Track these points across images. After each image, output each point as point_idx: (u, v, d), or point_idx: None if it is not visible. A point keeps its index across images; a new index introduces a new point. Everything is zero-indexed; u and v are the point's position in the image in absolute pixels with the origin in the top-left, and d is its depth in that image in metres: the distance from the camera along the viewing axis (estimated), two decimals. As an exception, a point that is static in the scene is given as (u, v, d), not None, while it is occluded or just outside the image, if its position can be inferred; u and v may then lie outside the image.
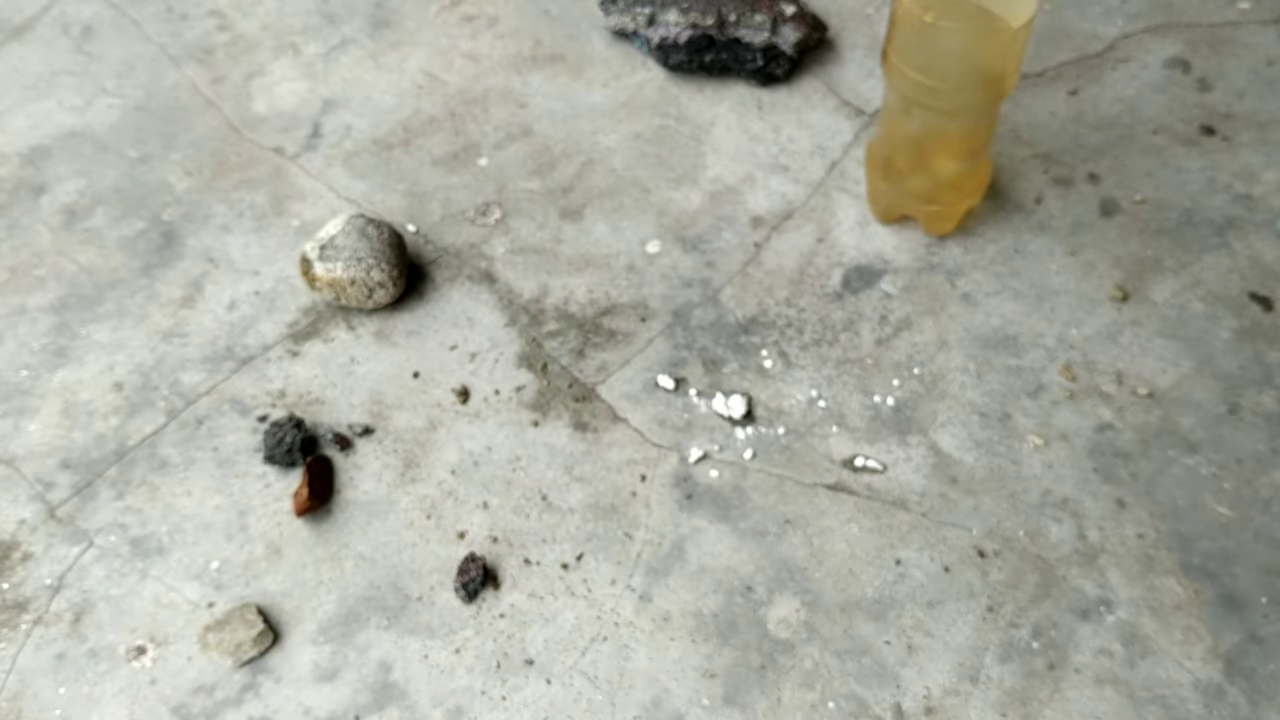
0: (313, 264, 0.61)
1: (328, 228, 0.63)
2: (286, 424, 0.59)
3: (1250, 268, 0.64)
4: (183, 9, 0.81)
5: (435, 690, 0.52)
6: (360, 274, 0.60)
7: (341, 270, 0.60)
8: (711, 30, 0.72)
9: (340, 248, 0.61)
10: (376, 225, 0.62)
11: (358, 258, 0.60)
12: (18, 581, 0.56)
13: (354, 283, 0.60)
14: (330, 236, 0.62)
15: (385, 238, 0.62)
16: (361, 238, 0.61)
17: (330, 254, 0.61)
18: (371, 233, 0.62)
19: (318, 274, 0.61)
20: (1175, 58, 0.74)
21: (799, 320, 0.64)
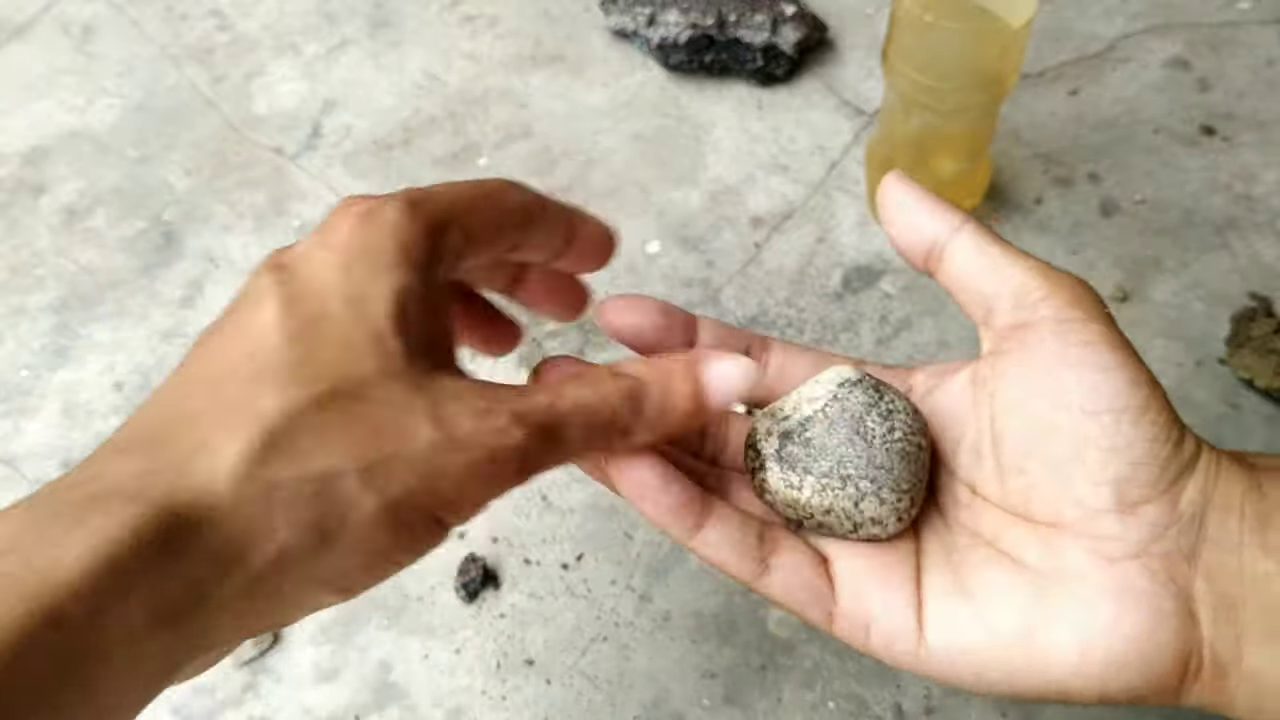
0: (765, 465, 0.34)
1: (800, 396, 0.35)
2: (286, 424, 0.59)
3: (1250, 268, 0.64)
4: (183, 9, 0.81)
5: (435, 690, 0.52)
6: (844, 503, 0.33)
7: (811, 492, 0.33)
8: (711, 30, 0.72)
9: (815, 446, 0.34)
10: (880, 400, 0.34)
11: (843, 474, 0.33)
12: (18, 581, 0.56)
13: (829, 511, 0.34)
14: (803, 418, 0.34)
15: (897, 432, 0.34)
16: (853, 432, 0.34)
17: (796, 454, 0.34)
18: (873, 423, 0.34)
19: (770, 485, 0.34)
20: (1175, 58, 0.74)
21: (799, 320, 0.64)
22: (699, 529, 0.33)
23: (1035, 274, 0.33)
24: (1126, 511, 0.30)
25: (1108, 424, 0.31)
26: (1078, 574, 0.31)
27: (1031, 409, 0.32)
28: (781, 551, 0.34)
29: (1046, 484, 0.32)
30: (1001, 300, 0.33)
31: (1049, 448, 0.31)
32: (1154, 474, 0.31)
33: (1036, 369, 0.32)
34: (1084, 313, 0.32)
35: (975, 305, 0.34)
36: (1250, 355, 0.60)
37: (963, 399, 0.35)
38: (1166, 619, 0.30)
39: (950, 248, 0.34)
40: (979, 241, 0.34)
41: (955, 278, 0.35)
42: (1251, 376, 0.59)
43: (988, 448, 0.34)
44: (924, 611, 0.32)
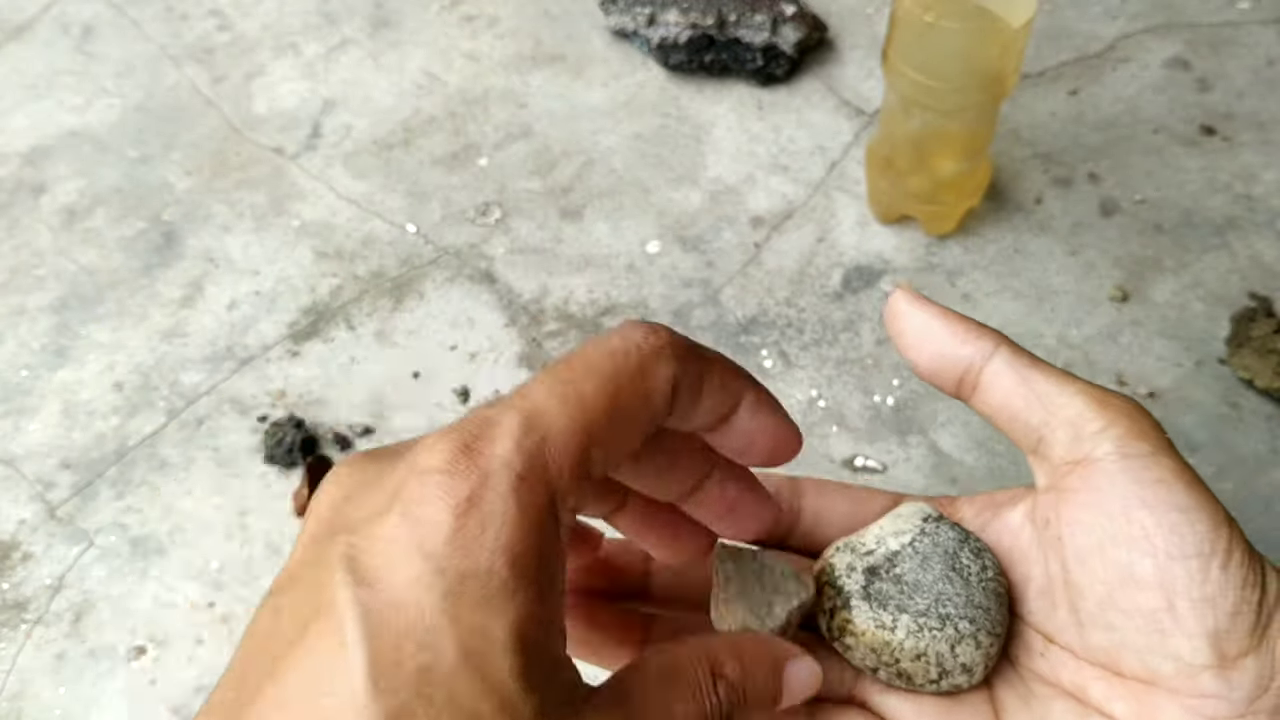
0: (849, 603, 0.31)
1: (882, 530, 0.33)
2: (286, 424, 0.59)
3: (1250, 268, 0.64)
4: (183, 9, 0.81)
5: (435, 690, 0.52)
6: (940, 646, 0.31)
7: (905, 633, 0.31)
8: (711, 30, 0.72)
9: (908, 583, 0.32)
10: (969, 537, 0.33)
11: (941, 613, 0.31)
12: (18, 581, 0.56)
13: (920, 656, 0.31)
14: (890, 552, 0.32)
15: (989, 570, 0.32)
16: (949, 569, 0.32)
17: (887, 591, 0.31)
18: (968, 560, 0.32)
19: (856, 625, 0.31)
20: (1175, 58, 0.74)
21: (799, 320, 0.64)
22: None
23: (1090, 403, 0.31)
24: (1227, 666, 0.28)
25: (1195, 571, 0.29)
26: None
27: (1110, 557, 0.30)
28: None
29: (1136, 638, 0.29)
30: (1054, 432, 0.31)
31: (1136, 599, 0.29)
32: (1250, 623, 0.29)
33: (1110, 512, 0.30)
34: (1150, 445, 0.30)
35: (1023, 436, 0.32)
36: (1250, 355, 0.60)
37: (1022, 537, 0.33)
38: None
39: (986, 375, 0.32)
40: (1017, 367, 0.32)
41: (996, 406, 0.32)
42: (1251, 376, 0.59)
43: (1061, 596, 0.31)
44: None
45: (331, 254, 0.68)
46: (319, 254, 0.68)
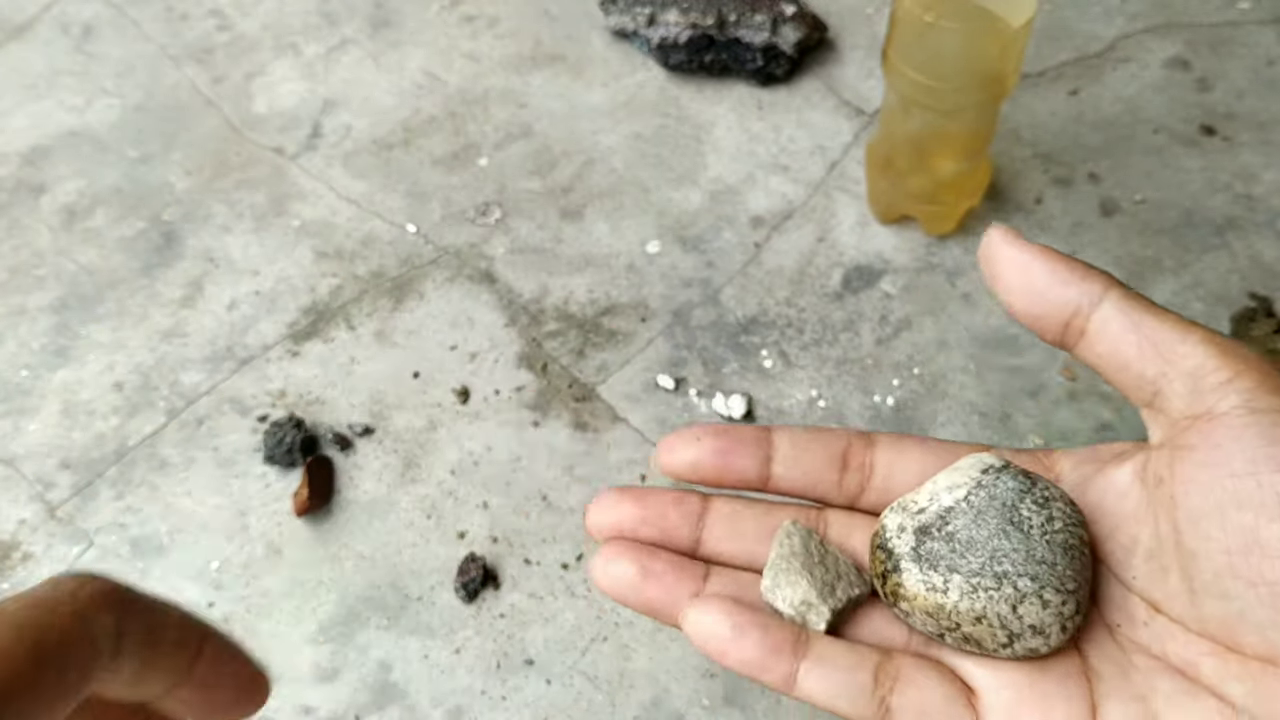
0: (899, 566, 0.29)
1: (936, 485, 0.30)
2: (286, 424, 0.59)
3: (1250, 268, 0.64)
4: (183, 9, 0.81)
5: (435, 690, 0.52)
6: (999, 607, 0.28)
7: (959, 594, 0.28)
8: (711, 30, 0.72)
9: (960, 541, 0.29)
10: (1034, 487, 0.30)
11: (997, 571, 0.29)
12: (18, 581, 0.56)
13: (981, 619, 0.28)
14: (942, 509, 0.29)
15: (1057, 522, 0.29)
16: (1006, 522, 0.29)
17: (938, 551, 0.29)
18: (1028, 512, 0.29)
19: (907, 589, 0.29)
20: (1175, 58, 0.74)
21: (799, 320, 0.64)
22: (794, 676, 0.28)
23: (1214, 352, 0.28)
24: None
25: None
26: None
27: (1232, 520, 0.26)
28: (907, 687, 0.28)
29: (1259, 611, 0.26)
30: (1172, 384, 0.28)
31: (1261, 568, 0.26)
32: None
33: (1234, 472, 0.26)
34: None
35: (1136, 388, 0.29)
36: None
37: (1129, 496, 0.30)
38: None
39: (1094, 321, 0.29)
40: (1130, 311, 0.28)
41: (1106, 356, 0.29)
42: (1251, 376, 0.59)
43: (1172, 561, 0.28)
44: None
45: (331, 254, 0.68)
46: (319, 254, 0.68)
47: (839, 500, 0.32)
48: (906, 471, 0.32)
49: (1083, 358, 0.29)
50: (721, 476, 0.32)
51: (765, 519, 0.32)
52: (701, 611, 0.29)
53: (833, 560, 0.31)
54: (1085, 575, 0.29)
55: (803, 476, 0.32)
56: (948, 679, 0.29)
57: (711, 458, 0.31)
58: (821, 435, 0.32)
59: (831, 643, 0.29)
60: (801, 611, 0.30)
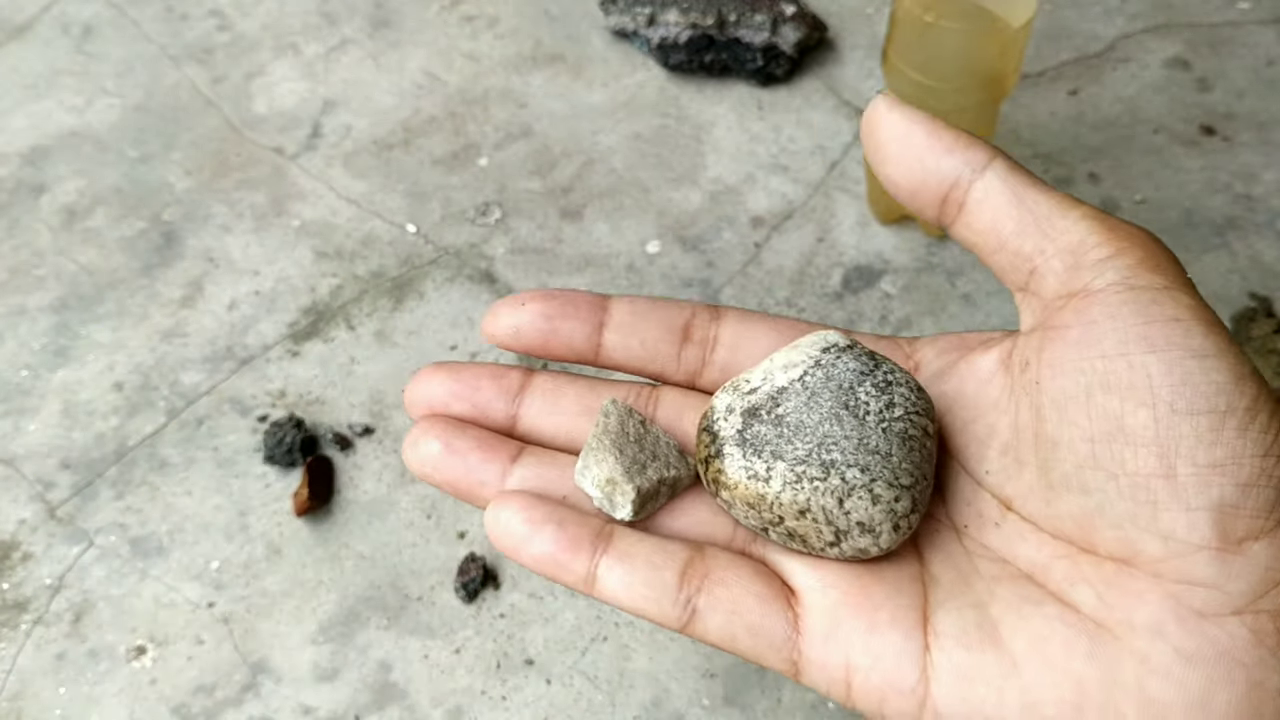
0: (722, 450, 0.26)
1: (772, 364, 0.27)
2: (286, 424, 0.59)
3: (1250, 268, 0.64)
4: (183, 9, 0.81)
5: (435, 690, 0.52)
6: (825, 500, 0.25)
7: (782, 484, 0.25)
8: (711, 30, 0.72)
9: (789, 425, 0.26)
10: (876, 369, 0.27)
11: (825, 459, 0.25)
12: (18, 581, 0.56)
13: (805, 512, 0.25)
14: (775, 389, 0.26)
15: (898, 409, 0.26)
16: (840, 406, 0.26)
17: (764, 436, 0.26)
18: (867, 396, 0.26)
19: (728, 476, 0.26)
20: (1175, 58, 0.74)
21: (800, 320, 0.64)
22: (594, 577, 0.26)
23: (1095, 226, 0.25)
24: (1230, 550, 0.23)
25: (1206, 429, 0.23)
26: (1154, 629, 0.23)
27: (1099, 405, 0.24)
28: (716, 586, 0.26)
29: (1119, 505, 0.24)
30: (1050, 260, 0.25)
31: (1123, 457, 0.24)
32: (1268, 500, 0.23)
33: (1105, 351, 0.24)
34: (1165, 279, 0.25)
35: (1012, 267, 0.26)
36: (1250, 355, 0.60)
37: (992, 384, 0.27)
38: (1272, 698, 0.22)
39: (975, 192, 0.26)
40: (1013, 183, 0.26)
41: (983, 232, 0.26)
42: (1251, 376, 0.59)
43: (1030, 452, 0.26)
44: (931, 662, 0.25)
45: (331, 254, 0.68)
46: (319, 254, 0.68)
47: (677, 377, 0.30)
48: (753, 348, 0.29)
49: (961, 236, 0.27)
50: (547, 343, 0.29)
51: (589, 395, 0.29)
52: (497, 507, 0.26)
53: (652, 440, 0.28)
54: (925, 470, 0.26)
55: (639, 347, 0.29)
56: (764, 578, 0.26)
57: (536, 321, 0.29)
58: (663, 305, 0.29)
59: (637, 539, 0.27)
60: (607, 492, 0.27)
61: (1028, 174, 0.26)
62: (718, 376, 0.29)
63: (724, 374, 0.29)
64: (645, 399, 0.30)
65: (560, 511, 0.27)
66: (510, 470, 0.28)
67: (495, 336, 0.29)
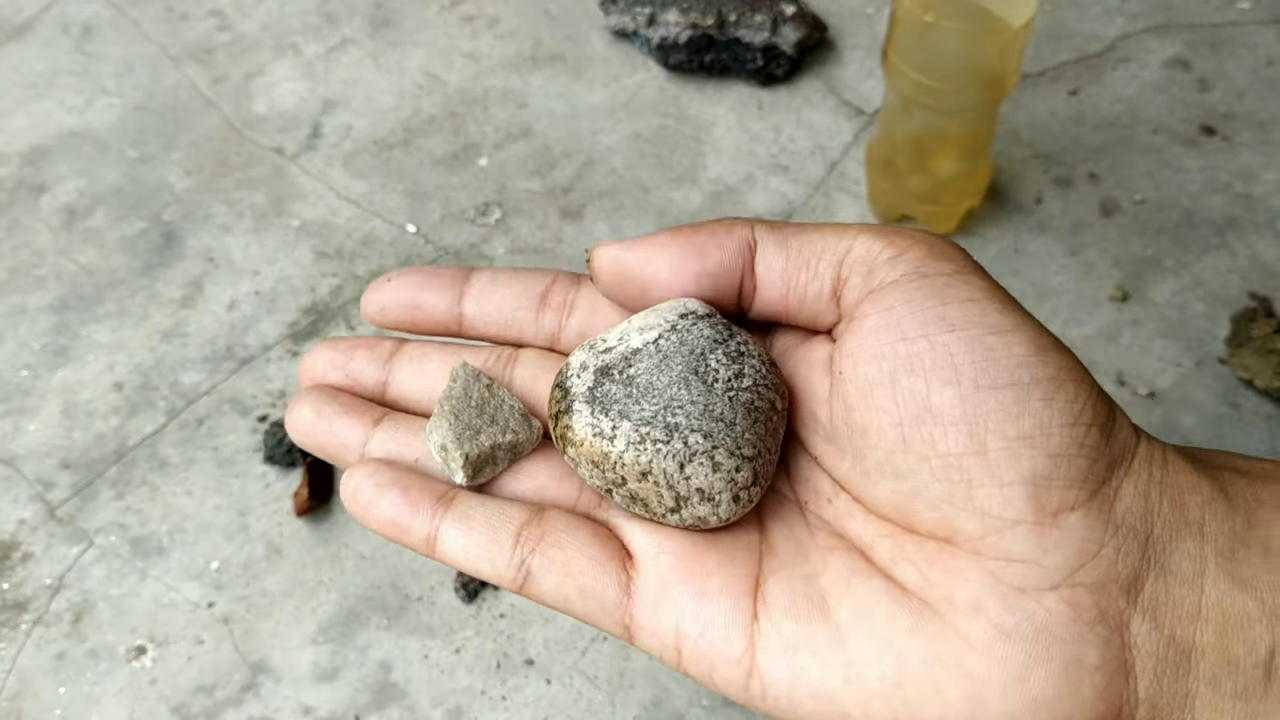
0: (572, 407, 0.26)
1: (629, 325, 0.27)
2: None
3: (1250, 268, 0.64)
4: (183, 9, 0.81)
5: (435, 690, 0.52)
6: (666, 463, 0.25)
7: (626, 444, 0.25)
8: (711, 30, 0.72)
9: (639, 386, 0.26)
10: (730, 339, 0.27)
11: (669, 422, 0.25)
12: (18, 581, 0.56)
13: (646, 475, 0.25)
14: (629, 350, 0.26)
15: (746, 380, 0.26)
16: (690, 371, 0.26)
17: (613, 395, 0.26)
18: (717, 364, 0.26)
19: (575, 433, 0.26)
20: (1175, 58, 0.74)
21: (799, 320, 0.64)
22: (435, 538, 0.26)
23: (878, 236, 0.26)
24: (1046, 523, 0.23)
25: (1011, 402, 0.23)
26: (974, 606, 0.23)
27: (904, 388, 0.24)
28: (549, 548, 0.26)
29: (934, 487, 0.24)
30: (849, 278, 0.26)
31: (933, 438, 0.24)
32: (1080, 469, 0.23)
33: (905, 334, 0.24)
34: (955, 265, 0.25)
35: (822, 312, 0.26)
36: (1250, 355, 0.60)
37: (818, 372, 0.27)
38: (1089, 675, 0.22)
39: (760, 265, 0.26)
40: (784, 239, 0.26)
41: (780, 299, 0.26)
42: (1251, 376, 0.59)
43: (846, 442, 0.26)
44: (758, 631, 0.24)
45: (331, 254, 0.68)
46: (319, 254, 0.68)
47: (537, 342, 0.30)
48: (612, 312, 0.29)
49: (760, 314, 0.27)
50: (413, 317, 0.29)
51: (453, 359, 0.30)
52: (349, 474, 0.27)
53: (495, 404, 0.28)
54: (770, 444, 0.26)
55: (497, 314, 0.29)
56: (601, 540, 0.26)
57: (401, 295, 0.29)
58: (524, 274, 0.30)
59: (478, 502, 0.27)
60: (444, 457, 0.28)
61: (789, 225, 0.27)
62: (575, 340, 0.30)
63: (582, 338, 0.30)
64: (505, 361, 0.30)
65: (406, 477, 0.27)
66: (373, 433, 0.29)
67: (368, 314, 0.30)
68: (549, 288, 0.30)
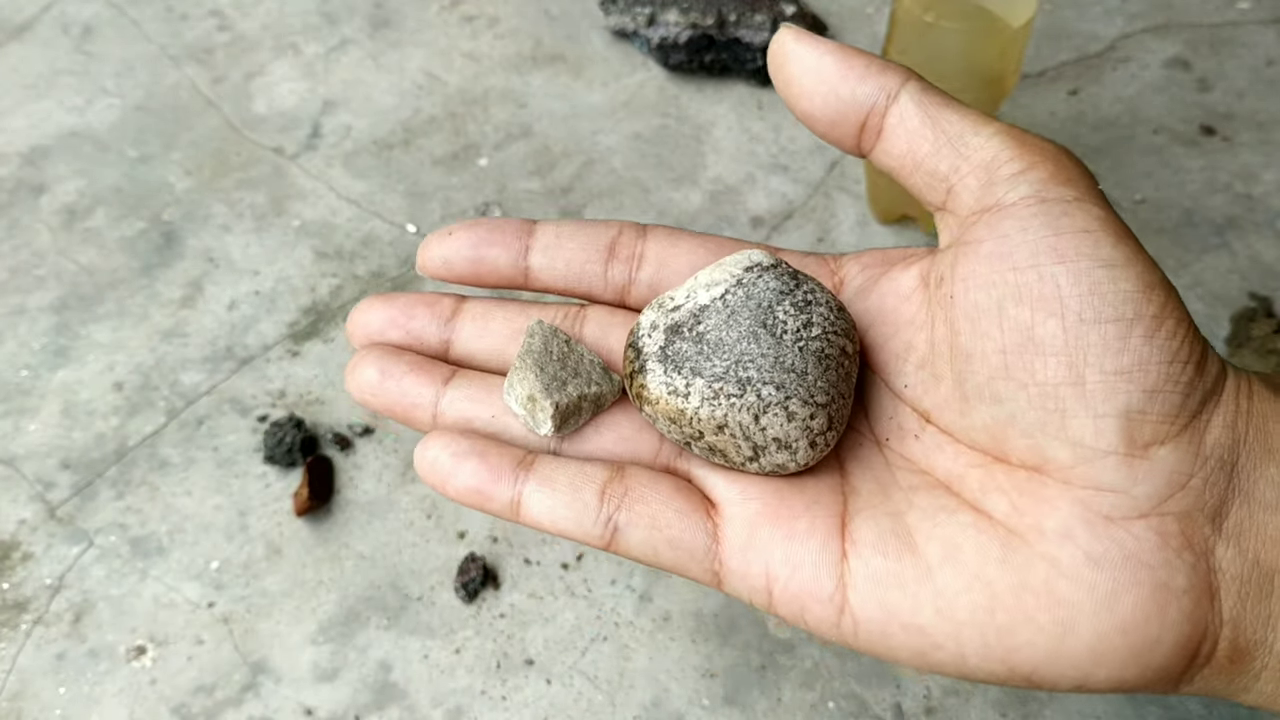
0: (645, 366, 0.27)
1: (696, 282, 0.27)
2: (286, 424, 0.59)
3: (1250, 268, 0.64)
4: (183, 9, 0.81)
5: (435, 690, 0.52)
6: (741, 416, 0.25)
7: (700, 400, 0.26)
8: (711, 30, 0.72)
9: (709, 342, 0.26)
10: (797, 289, 0.27)
11: (741, 376, 0.26)
12: (18, 581, 0.56)
13: (723, 428, 0.26)
14: (697, 307, 0.27)
15: (815, 329, 0.26)
16: (758, 325, 0.26)
17: (685, 352, 0.26)
18: (785, 316, 0.26)
19: (650, 391, 0.26)
20: (1175, 58, 0.74)
21: (799, 320, 0.64)
22: (518, 503, 0.27)
23: (1008, 142, 0.26)
24: (1136, 455, 0.23)
25: (1113, 337, 0.23)
26: (1063, 534, 0.23)
27: (1010, 316, 0.24)
28: (634, 503, 0.26)
29: (1029, 414, 0.24)
30: (966, 178, 0.26)
31: (1034, 367, 0.24)
32: (1174, 404, 0.23)
33: (1016, 264, 0.24)
34: (1076, 191, 0.25)
35: (929, 188, 0.27)
36: (1250, 355, 0.60)
37: (911, 300, 0.28)
38: (1176, 598, 0.23)
39: (891, 117, 0.26)
40: (927, 105, 0.26)
41: (900, 156, 0.27)
42: (1251, 376, 0.59)
43: (946, 365, 0.26)
44: (848, 570, 0.25)
45: (331, 254, 0.68)
46: (319, 254, 0.68)
47: (605, 295, 0.30)
48: (680, 264, 0.29)
49: (880, 162, 0.28)
50: (477, 271, 0.29)
51: (519, 318, 0.30)
52: (424, 445, 0.27)
53: (575, 358, 0.29)
54: (843, 389, 0.27)
55: (565, 268, 0.29)
56: (684, 492, 0.27)
57: (465, 250, 0.29)
58: (589, 225, 0.30)
59: (558, 464, 0.27)
60: (529, 409, 0.28)
61: (940, 93, 0.27)
62: (645, 293, 0.30)
63: (651, 291, 0.30)
64: (573, 318, 0.30)
65: (483, 444, 0.27)
66: (444, 392, 0.29)
67: (428, 269, 0.30)
68: (615, 240, 0.30)
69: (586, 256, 0.29)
